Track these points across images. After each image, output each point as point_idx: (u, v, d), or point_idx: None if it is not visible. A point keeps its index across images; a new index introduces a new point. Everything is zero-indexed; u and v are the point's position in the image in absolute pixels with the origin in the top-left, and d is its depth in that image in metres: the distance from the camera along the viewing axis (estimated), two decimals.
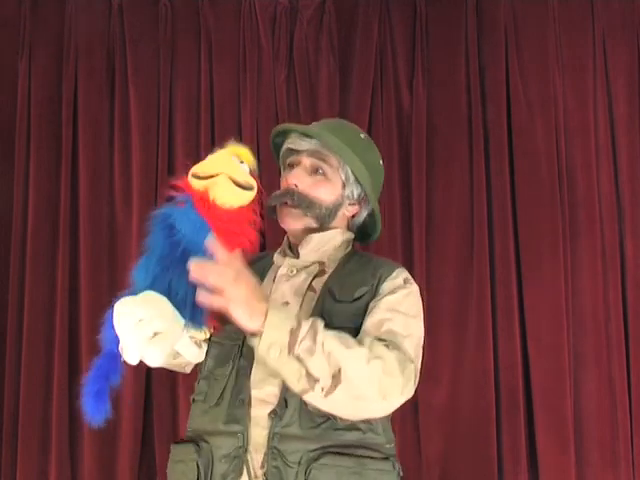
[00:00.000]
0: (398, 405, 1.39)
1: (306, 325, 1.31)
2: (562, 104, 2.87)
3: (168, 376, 2.67)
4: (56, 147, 2.84)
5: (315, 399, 1.32)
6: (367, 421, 1.42)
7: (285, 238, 1.63)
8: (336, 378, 1.29)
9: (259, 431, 1.40)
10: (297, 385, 1.31)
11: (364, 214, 1.63)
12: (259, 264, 1.59)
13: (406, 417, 2.70)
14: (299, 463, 1.38)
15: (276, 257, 1.60)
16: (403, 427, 2.69)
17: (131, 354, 1.27)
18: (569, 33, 2.91)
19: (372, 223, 1.67)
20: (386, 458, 1.47)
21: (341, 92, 2.87)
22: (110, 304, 1.34)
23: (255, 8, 2.88)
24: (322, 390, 1.30)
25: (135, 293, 1.33)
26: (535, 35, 2.89)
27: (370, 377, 1.32)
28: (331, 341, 1.31)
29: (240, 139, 2.61)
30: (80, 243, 2.80)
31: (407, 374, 1.37)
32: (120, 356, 1.32)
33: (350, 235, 1.63)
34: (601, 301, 2.80)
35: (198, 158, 2.93)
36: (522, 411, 2.72)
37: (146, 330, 1.26)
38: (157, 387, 2.72)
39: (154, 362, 1.30)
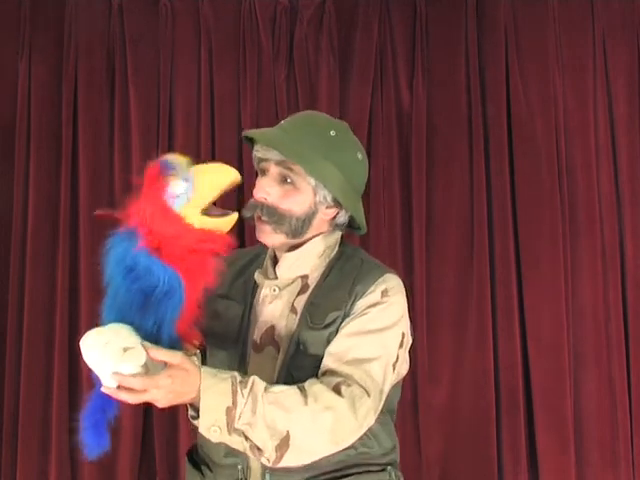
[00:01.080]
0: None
1: (243, 398, 1.27)
2: (562, 104, 2.88)
3: None
4: (56, 147, 2.84)
5: (267, 464, 1.31)
6: (360, 437, 1.39)
7: (270, 249, 1.55)
8: (282, 446, 1.28)
9: (257, 463, 1.39)
10: (248, 453, 1.31)
11: (346, 213, 1.53)
12: (250, 267, 1.55)
13: (406, 417, 2.70)
14: None
15: (257, 276, 1.51)
16: (403, 427, 2.68)
17: (107, 378, 1.24)
18: (569, 33, 2.91)
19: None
20: (383, 469, 1.47)
21: (341, 92, 2.87)
22: None
23: (255, 8, 2.88)
24: (269, 460, 1.30)
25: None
26: (535, 35, 2.89)
27: (319, 433, 1.31)
28: (272, 410, 1.28)
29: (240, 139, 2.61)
30: (80, 243, 2.80)
31: (362, 412, 1.34)
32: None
33: (335, 236, 1.55)
34: (601, 301, 2.80)
35: (198, 158, 2.95)
36: (522, 411, 2.73)
37: (114, 348, 1.25)
38: None
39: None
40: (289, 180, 1.44)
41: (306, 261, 1.49)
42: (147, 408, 2.74)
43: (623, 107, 2.88)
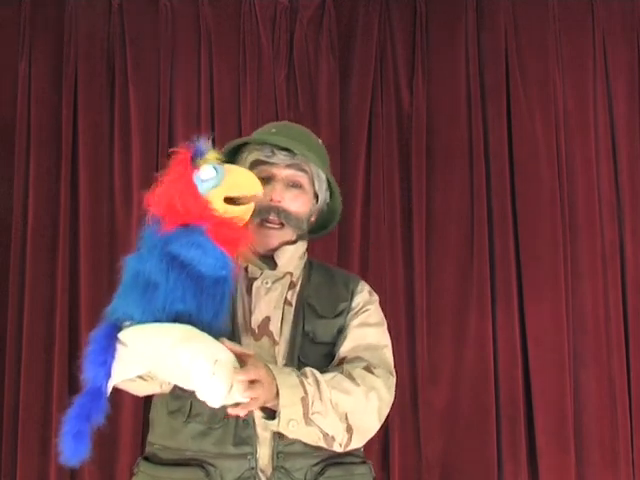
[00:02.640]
0: None
1: (310, 387, 1.35)
2: (562, 104, 2.88)
3: None
4: (56, 147, 2.84)
5: (339, 449, 1.41)
6: None
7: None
8: (349, 429, 1.39)
9: (265, 451, 1.42)
10: (318, 443, 1.39)
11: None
12: None
13: (406, 417, 2.71)
14: (305, 479, 1.44)
15: (251, 268, 1.54)
16: (403, 427, 2.69)
17: (222, 396, 1.22)
18: (569, 33, 2.91)
19: (324, 219, 1.68)
20: (364, 462, 1.56)
21: (341, 92, 2.87)
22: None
23: (255, 8, 2.88)
24: (341, 445, 1.40)
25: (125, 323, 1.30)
26: (535, 35, 2.89)
27: (371, 413, 1.43)
28: (335, 394, 1.37)
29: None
30: (80, 243, 2.80)
31: (392, 389, 1.50)
32: (105, 394, 1.26)
33: (306, 242, 1.63)
34: (601, 301, 2.80)
35: None
36: (522, 411, 2.73)
37: (225, 363, 1.23)
38: None
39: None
40: (298, 184, 1.54)
41: (294, 259, 1.57)
42: (147, 408, 2.75)
43: (623, 107, 2.89)
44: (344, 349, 1.50)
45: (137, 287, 1.30)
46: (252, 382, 1.25)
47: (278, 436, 1.41)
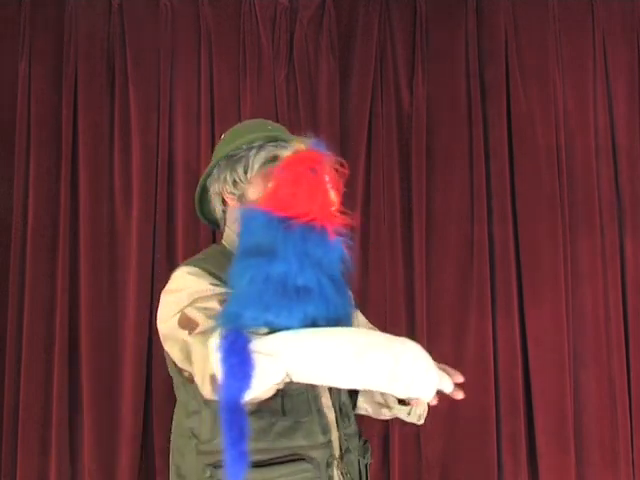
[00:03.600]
0: None
1: None
2: (562, 104, 2.88)
3: (168, 376, 2.66)
4: (56, 147, 2.84)
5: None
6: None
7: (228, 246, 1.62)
8: None
9: (335, 435, 1.50)
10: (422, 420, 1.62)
11: None
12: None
13: None
14: (358, 455, 1.55)
15: None
16: (403, 427, 2.69)
17: (432, 391, 1.33)
18: (569, 33, 2.91)
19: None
20: None
21: (341, 92, 2.87)
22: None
23: (255, 8, 2.87)
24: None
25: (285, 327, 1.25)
26: (535, 35, 2.89)
27: None
28: None
29: None
30: (80, 243, 2.80)
31: None
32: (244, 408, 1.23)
33: None
34: (601, 301, 2.80)
35: (198, 158, 2.94)
36: (522, 411, 2.73)
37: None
38: (157, 387, 2.72)
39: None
40: None
41: None
42: (147, 408, 2.75)
43: (623, 107, 2.89)
44: None
45: (279, 292, 1.25)
46: None
47: (341, 419, 1.50)
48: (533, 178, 2.82)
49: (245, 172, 1.56)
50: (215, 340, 1.23)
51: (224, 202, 1.61)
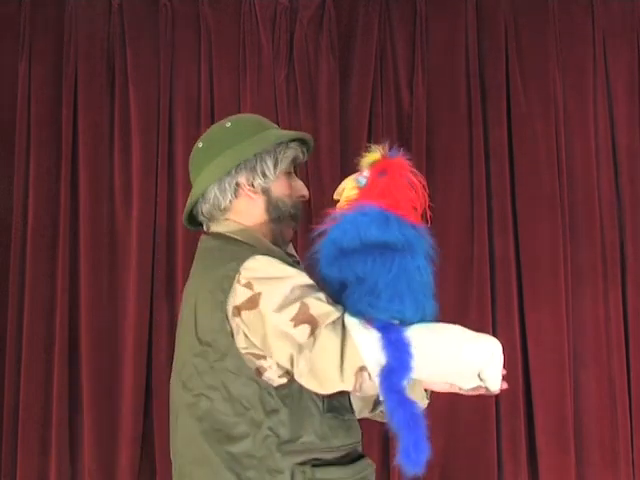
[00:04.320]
0: None
1: None
2: (562, 104, 2.88)
3: (168, 376, 2.66)
4: (56, 147, 2.84)
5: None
6: None
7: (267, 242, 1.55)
8: None
9: (357, 422, 1.55)
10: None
11: None
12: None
13: None
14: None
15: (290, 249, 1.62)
16: None
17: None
18: (569, 33, 2.91)
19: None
20: None
21: (341, 92, 2.87)
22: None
23: (255, 8, 2.88)
24: None
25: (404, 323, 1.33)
26: (535, 35, 2.89)
27: None
28: None
29: None
30: (80, 243, 2.80)
31: None
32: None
33: None
34: (601, 301, 2.80)
35: None
36: (522, 411, 2.73)
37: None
38: (157, 387, 2.72)
39: None
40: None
41: None
42: (147, 408, 2.75)
43: (623, 107, 2.88)
44: None
45: (420, 287, 1.39)
46: None
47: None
48: (533, 178, 2.82)
49: (275, 166, 1.55)
50: (365, 332, 1.28)
51: (236, 193, 1.55)
